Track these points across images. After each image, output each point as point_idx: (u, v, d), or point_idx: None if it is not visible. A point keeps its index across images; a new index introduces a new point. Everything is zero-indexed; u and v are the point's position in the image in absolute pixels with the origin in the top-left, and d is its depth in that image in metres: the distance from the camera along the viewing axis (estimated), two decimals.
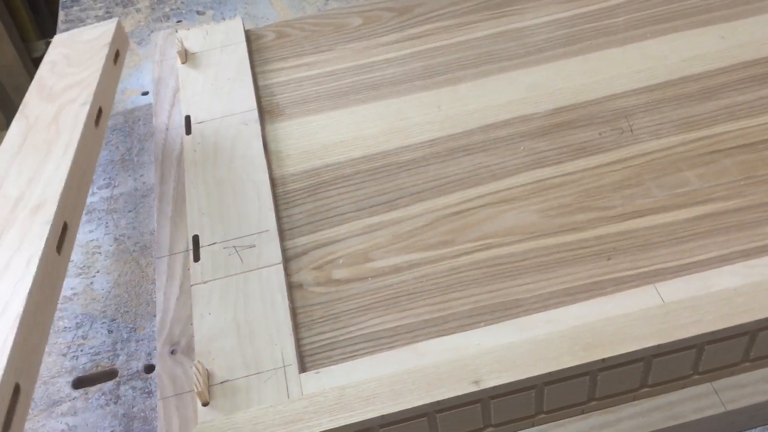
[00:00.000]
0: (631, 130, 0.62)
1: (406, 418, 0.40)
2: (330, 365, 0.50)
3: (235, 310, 0.53)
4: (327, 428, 0.40)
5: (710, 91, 0.64)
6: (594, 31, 0.71)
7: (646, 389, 0.44)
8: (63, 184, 0.49)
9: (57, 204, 0.47)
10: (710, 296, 0.42)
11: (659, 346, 0.40)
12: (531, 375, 0.40)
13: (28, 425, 0.52)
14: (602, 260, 0.54)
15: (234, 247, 0.57)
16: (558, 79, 0.67)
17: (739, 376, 0.45)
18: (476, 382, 0.40)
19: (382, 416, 0.40)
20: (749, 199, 0.56)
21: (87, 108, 0.55)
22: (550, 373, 0.40)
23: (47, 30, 1.58)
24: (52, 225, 0.46)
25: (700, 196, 0.57)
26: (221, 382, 0.49)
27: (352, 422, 0.40)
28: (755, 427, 0.46)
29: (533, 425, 0.44)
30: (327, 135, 0.66)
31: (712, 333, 0.41)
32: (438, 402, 0.40)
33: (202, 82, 0.70)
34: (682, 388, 0.45)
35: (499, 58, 0.70)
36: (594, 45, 0.70)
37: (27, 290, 0.42)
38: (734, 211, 0.55)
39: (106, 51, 0.60)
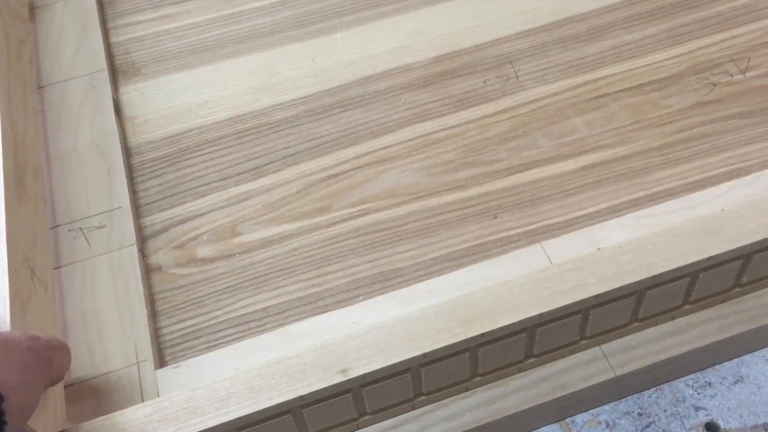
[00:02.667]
0: (517, 77, 0.58)
1: (266, 417, 0.36)
2: (192, 357, 0.45)
3: (82, 302, 0.47)
4: None
5: (596, 31, 0.60)
6: None
7: (532, 359, 0.41)
8: None
9: None
10: (594, 255, 0.38)
11: (541, 314, 0.37)
12: (404, 358, 0.36)
13: None
14: (488, 219, 0.50)
15: (80, 228, 0.50)
16: (440, 24, 0.62)
17: (628, 338, 0.42)
18: (343, 371, 0.36)
19: (239, 418, 0.35)
20: (638, 145, 0.53)
21: None
22: (424, 355, 0.36)
23: None
24: None
25: (588, 144, 0.53)
26: (65, 387, 0.42)
27: (203, 429, 0.35)
28: (646, 390, 0.43)
29: (414, 408, 0.40)
30: (189, 95, 0.59)
31: (597, 297, 0.37)
32: (301, 397, 0.35)
33: (44, 40, 0.62)
34: (570, 354, 0.42)
35: (378, 3, 0.64)
36: None
37: None
38: (623, 158, 0.52)
39: None
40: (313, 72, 0.60)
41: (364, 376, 0.36)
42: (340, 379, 0.36)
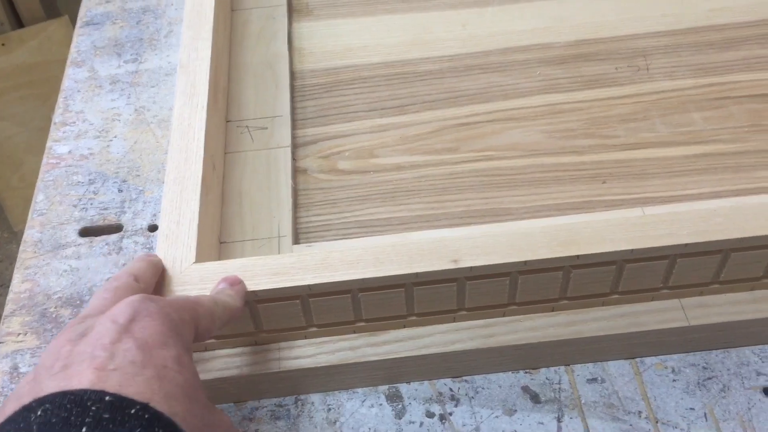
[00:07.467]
0: (647, 69, 0.63)
1: (385, 285, 0.43)
2: (322, 242, 0.53)
3: (240, 183, 0.55)
4: (309, 283, 0.42)
5: (731, 42, 0.64)
6: None
7: (615, 296, 0.46)
8: None
9: None
10: (689, 213, 0.43)
11: (633, 251, 0.42)
12: (507, 261, 0.42)
13: (33, 262, 0.55)
14: (597, 183, 0.56)
15: (247, 126, 0.59)
16: (584, 13, 0.68)
17: (707, 297, 0.47)
18: (455, 261, 0.42)
19: (363, 279, 0.42)
20: (750, 145, 0.57)
21: None
22: (525, 262, 0.42)
23: None
24: None
25: (703, 136, 0.58)
26: (219, 243, 0.51)
27: (333, 281, 0.42)
28: (714, 350, 0.48)
29: (504, 315, 0.47)
30: (351, 38, 0.68)
31: (685, 246, 0.42)
32: (416, 274, 0.42)
33: None
34: (651, 300, 0.47)
35: None
36: None
37: None
38: (733, 153, 0.56)
39: None
40: (461, 36, 0.67)
41: (471, 268, 0.42)
42: (451, 266, 0.42)
